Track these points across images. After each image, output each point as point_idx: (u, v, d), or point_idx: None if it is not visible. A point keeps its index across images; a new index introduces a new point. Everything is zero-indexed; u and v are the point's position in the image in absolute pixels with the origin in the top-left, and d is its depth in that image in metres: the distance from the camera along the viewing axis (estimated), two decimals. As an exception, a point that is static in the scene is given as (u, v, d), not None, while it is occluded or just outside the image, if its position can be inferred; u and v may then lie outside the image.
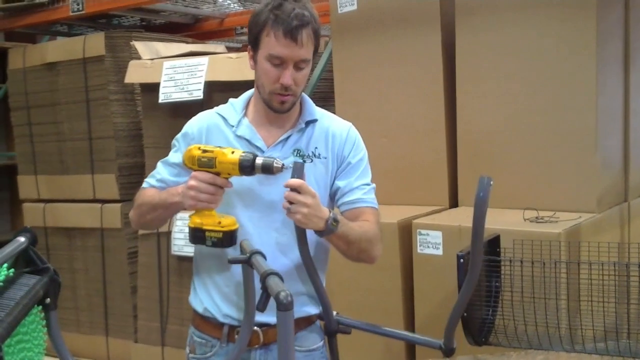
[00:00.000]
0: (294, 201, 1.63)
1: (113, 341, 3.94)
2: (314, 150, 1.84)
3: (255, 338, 1.81)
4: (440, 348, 1.87)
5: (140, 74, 3.49)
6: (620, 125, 2.73)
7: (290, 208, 1.64)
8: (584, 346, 1.86)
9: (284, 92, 1.75)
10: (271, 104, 1.79)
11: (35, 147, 4.13)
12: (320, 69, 3.42)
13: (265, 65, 1.74)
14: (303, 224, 1.66)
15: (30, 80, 4.06)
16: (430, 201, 2.82)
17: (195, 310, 1.92)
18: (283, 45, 1.70)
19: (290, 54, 1.71)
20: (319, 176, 1.83)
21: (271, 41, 1.71)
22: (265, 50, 1.73)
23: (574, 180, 2.51)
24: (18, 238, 1.45)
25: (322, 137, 1.86)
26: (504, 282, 2.01)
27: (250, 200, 1.81)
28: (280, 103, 1.77)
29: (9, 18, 4.18)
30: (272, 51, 1.72)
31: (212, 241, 1.64)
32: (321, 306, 1.86)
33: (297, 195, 1.63)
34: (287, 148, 1.83)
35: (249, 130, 1.83)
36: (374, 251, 1.83)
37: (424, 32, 2.81)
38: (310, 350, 1.90)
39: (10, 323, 1.20)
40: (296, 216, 1.64)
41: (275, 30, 1.70)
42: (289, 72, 1.72)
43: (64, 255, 4.03)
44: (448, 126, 2.81)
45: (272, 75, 1.74)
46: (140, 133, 3.71)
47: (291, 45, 1.70)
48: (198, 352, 1.90)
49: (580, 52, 2.46)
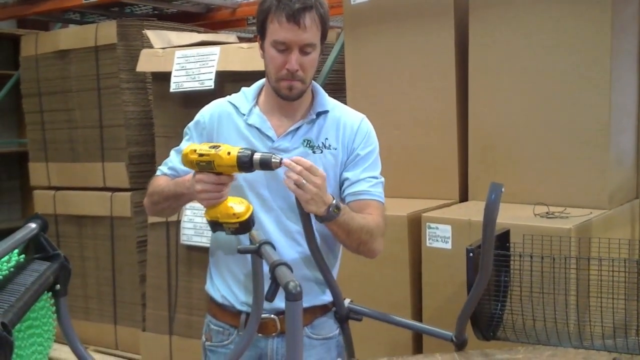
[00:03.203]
0: (306, 179, 1.62)
1: (121, 329, 3.96)
2: (324, 141, 1.83)
3: (272, 326, 1.82)
4: (451, 340, 1.87)
5: (151, 63, 3.49)
6: (634, 121, 2.71)
7: (302, 185, 1.62)
8: (593, 343, 1.85)
9: (291, 77, 1.74)
10: (279, 91, 1.78)
11: (47, 135, 4.15)
12: (332, 60, 3.41)
13: (271, 52, 1.75)
14: (309, 204, 1.64)
15: (43, 67, 4.08)
16: (440, 195, 2.81)
17: (212, 299, 1.92)
18: (286, 30, 1.70)
19: (294, 38, 1.71)
20: (328, 167, 1.82)
21: (275, 27, 1.72)
22: (271, 36, 1.74)
23: (585, 176, 2.49)
24: (29, 224, 1.46)
25: (334, 128, 1.85)
26: (513, 277, 2.00)
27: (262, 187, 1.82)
28: (288, 89, 1.77)
29: (22, 5, 4.18)
30: (276, 37, 1.72)
31: (231, 230, 1.64)
32: (330, 291, 1.86)
33: (309, 174, 1.62)
34: (297, 138, 1.83)
35: (259, 119, 1.83)
36: (374, 244, 1.81)
37: (437, 25, 2.79)
38: (326, 338, 1.91)
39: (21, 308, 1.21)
40: (306, 196, 1.63)
41: (278, 15, 1.70)
42: (294, 57, 1.72)
43: (73, 243, 4.05)
44: (460, 120, 2.80)
45: (279, 62, 1.74)
46: (151, 122, 3.71)
47: (294, 29, 1.70)
48: (215, 340, 1.90)
49: (595, 47, 2.44)
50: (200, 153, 1.64)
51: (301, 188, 1.62)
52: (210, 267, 1.95)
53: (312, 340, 1.88)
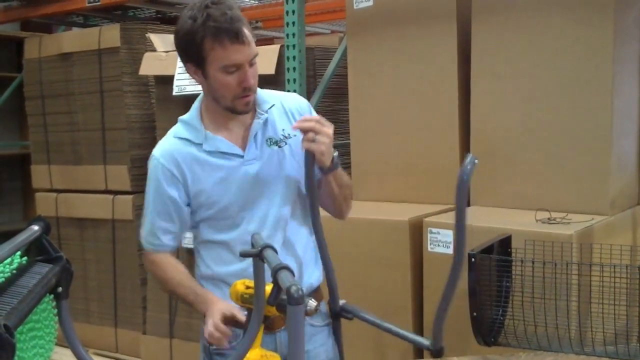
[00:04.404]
0: (319, 132, 1.68)
1: (122, 332, 3.96)
2: (282, 133, 1.87)
3: (279, 321, 1.82)
4: (428, 348, 1.81)
5: (154, 66, 3.50)
6: (636, 127, 2.71)
7: (315, 139, 1.68)
8: (594, 349, 1.85)
9: (248, 93, 1.77)
10: (236, 109, 1.80)
11: (49, 137, 4.15)
12: (334, 64, 3.41)
13: (220, 77, 1.74)
14: (324, 156, 1.70)
15: (46, 70, 4.09)
16: (441, 199, 2.80)
17: None
18: (234, 52, 1.70)
19: (243, 57, 1.72)
20: (296, 153, 1.85)
21: (219, 53, 1.70)
22: (217, 63, 1.72)
23: (587, 181, 2.49)
24: (32, 226, 1.45)
25: (284, 117, 1.89)
26: (515, 282, 2.00)
27: None
28: (245, 105, 1.80)
29: (26, 8, 4.20)
30: (225, 62, 1.71)
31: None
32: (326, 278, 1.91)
33: (322, 126, 1.69)
34: (260, 142, 1.85)
35: (217, 142, 1.83)
36: (350, 204, 1.95)
37: (440, 29, 2.79)
38: (325, 324, 1.98)
39: (23, 310, 1.21)
40: (321, 147, 1.68)
41: (220, 41, 1.69)
42: (248, 73, 1.74)
43: (75, 246, 4.05)
44: (461, 125, 2.80)
45: (233, 83, 1.74)
46: (154, 125, 3.72)
47: (241, 48, 1.71)
48: None
49: (597, 53, 2.44)
50: (248, 285, 1.65)
51: (316, 142, 1.69)
52: (199, 282, 2.02)
53: (315, 328, 1.93)
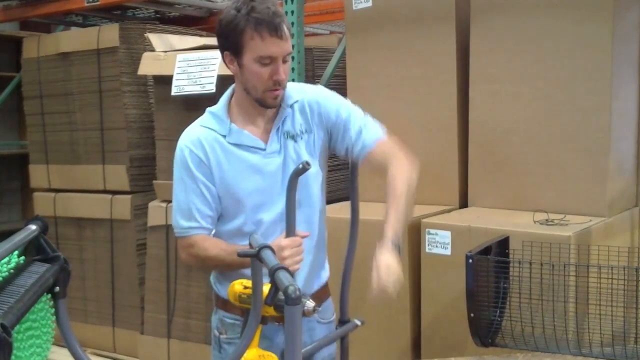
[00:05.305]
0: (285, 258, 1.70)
1: (119, 332, 3.95)
2: (300, 128, 1.90)
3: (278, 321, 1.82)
4: None
5: (153, 66, 3.50)
6: (634, 128, 2.71)
7: None
8: (591, 350, 1.85)
9: (277, 87, 1.81)
10: (265, 101, 1.84)
11: (47, 137, 4.15)
12: (333, 65, 3.41)
13: (254, 67, 1.79)
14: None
15: (44, 69, 4.08)
16: (439, 201, 2.81)
17: (220, 295, 1.94)
18: (271, 44, 1.76)
19: (279, 50, 1.77)
20: (310, 148, 1.89)
21: (257, 43, 1.76)
22: (253, 53, 1.77)
23: (585, 183, 2.50)
24: (29, 226, 1.45)
25: (303, 113, 1.91)
26: (513, 283, 2.00)
27: None
28: (274, 99, 1.83)
29: (24, 7, 4.19)
30: (261, 52, 1.76)
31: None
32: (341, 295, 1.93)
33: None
34: (280, 136, 1.88)
35: (242, 136, 1.86)
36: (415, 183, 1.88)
37: (438, 30, 2.80)
38: (330, 321, 2.01)
39: (20, 310, 1.21)
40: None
41: (260, 32, 1.74)
42: (281, 68, 1.79)
43: (73, 246, 4.04)
44: (460, 126, 2.81)
45: (265, 75, 1.79)
46: (152, 125, 3.72)
47: (278, 42, 1.76)
48: (231, 333, 1.92)
49: (596, 54, 2.44)
50: (246, 285, 1.64)
51: None
52: (214, 273, 1.98)
53: (321, 325, 1.97)
